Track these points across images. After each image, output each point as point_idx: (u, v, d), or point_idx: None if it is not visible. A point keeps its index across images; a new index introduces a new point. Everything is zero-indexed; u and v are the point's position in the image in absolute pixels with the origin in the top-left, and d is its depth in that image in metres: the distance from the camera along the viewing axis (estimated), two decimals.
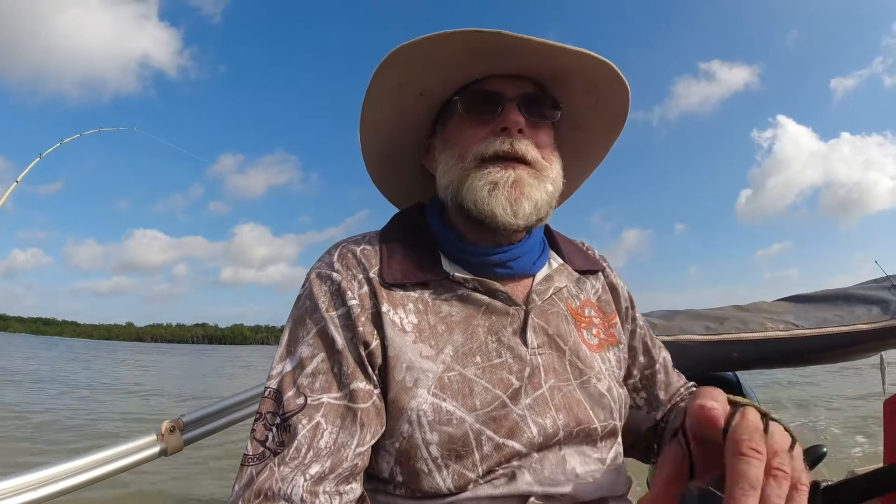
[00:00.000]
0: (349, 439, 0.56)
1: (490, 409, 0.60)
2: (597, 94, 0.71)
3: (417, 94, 0.69)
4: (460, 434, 0.58)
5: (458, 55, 0.63)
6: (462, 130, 0.67)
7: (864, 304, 1.32)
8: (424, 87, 0.68)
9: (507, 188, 0.63)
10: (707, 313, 1.40)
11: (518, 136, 0.65)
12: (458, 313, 0.64)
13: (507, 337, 0.64)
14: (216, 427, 0.94)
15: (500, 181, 0.63)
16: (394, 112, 0.71)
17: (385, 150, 0.77)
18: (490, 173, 0.64)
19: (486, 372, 0.61)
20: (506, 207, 0.63)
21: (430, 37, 0.60)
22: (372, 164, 0.79)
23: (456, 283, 0.65)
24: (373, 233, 0.71)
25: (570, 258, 0.76)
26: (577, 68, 0.66)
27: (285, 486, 0.51)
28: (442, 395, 0.59)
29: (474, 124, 0.67)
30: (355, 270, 0.64)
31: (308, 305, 0.63)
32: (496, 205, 0.63)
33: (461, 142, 0.67)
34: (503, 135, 0.65)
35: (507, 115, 0.65)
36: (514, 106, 0.65)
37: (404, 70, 0.65)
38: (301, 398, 0.57)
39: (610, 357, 0.73)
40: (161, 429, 0.85)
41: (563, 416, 0.62)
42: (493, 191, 0.63)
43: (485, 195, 0.63)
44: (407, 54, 0.63)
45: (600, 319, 0.75)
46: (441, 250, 0.68)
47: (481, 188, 0.63)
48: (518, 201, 0.63)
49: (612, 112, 0.73)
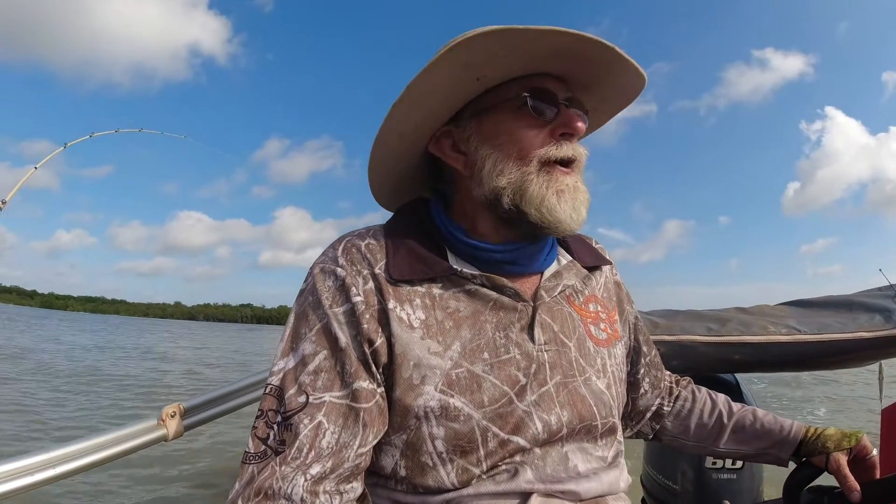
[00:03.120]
0: (351, 439, 0.56)
1: (497, 405, 0.59)
2: (605, 105, 0.72)
3: (475, 78, 0.63)
4: (467, 430, 0.58)
5: (541, 53, 0.61)
6: (519, 127, 0.64)
7: (866, 311, 1.32)
8: (487, 72, 0.63)
9: (571, 195, 0.63)
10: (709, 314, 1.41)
11: (576, 141, 0.65)
12: (466, 309, 0.63)
13: (514, 333, 0.64)
14: (217, 413, 0.94)
15: (566, 189, 0.63)
16: (444, 89, 0.64)
17: (405, 129, 0.69)
18: (557, 180, 0.63)
19: (493, 368, 0.61)
20: (571, 215, 0.63)
21: (526, 29, 0.57)
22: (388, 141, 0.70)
23: (463, 278, 0.64)
24: (377, 227, 0.69)
25: (579, 254, 0.76)
26: (611, 83, 0.66)
27: (286, 486, 0.51)
28: (450, 391, 0.59)
29: (533, 123, 0.63)
30: (360, 266, 0.63)
31: (311, 301, 0.61)
32: (562, 212, 0.62)
33: (520, 141, 0.63)
34: (563, 140, 0.63)
35: (572, 121, 0.63)
36: (572, 111, 0.64)
37: (483, 52, 0.60)
38: (303, 396, 0.56)
39: (616, 352, 0.73)
40: (162, 414, 0.85)
41: (568, 413, 0.62)
42: (560, 198, 0.62)
43: (554, 202, 0.62)
44: (494, 39, 0.58)
45: (606, 314, 0.75)
46: (447, 246, 0.67)
47: (550, 195, 0.62)
48: (579, 209, 0.64)
49: (610, 111, 0.74)
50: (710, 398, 0.86)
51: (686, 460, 1.38)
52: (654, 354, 0.87)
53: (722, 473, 1.34)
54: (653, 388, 0.85)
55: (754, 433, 0.80)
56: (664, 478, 1.42)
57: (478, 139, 0.66)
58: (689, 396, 0.87)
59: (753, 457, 0.82)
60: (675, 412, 0.86)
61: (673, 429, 0.86)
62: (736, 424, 0.82)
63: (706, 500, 1.33)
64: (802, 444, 0.77)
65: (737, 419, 0.82)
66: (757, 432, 0.80)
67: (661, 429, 0.87)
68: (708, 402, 0.86)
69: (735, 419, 0.82)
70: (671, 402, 0.87)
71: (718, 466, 1.34)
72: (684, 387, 0.90)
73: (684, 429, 0.85)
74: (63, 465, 0.71)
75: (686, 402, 0.87)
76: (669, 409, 0.87)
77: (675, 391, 0.88)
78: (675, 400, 0.87)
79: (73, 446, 0.73)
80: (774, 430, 0.79)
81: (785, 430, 0.79)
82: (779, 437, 0.79)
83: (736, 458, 0.86)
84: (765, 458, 0.81)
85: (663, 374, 0.89)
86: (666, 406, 0.87)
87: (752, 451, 0.81)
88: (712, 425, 0.83)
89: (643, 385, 0.84)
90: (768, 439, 0.79)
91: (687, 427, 0.85)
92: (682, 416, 0.86)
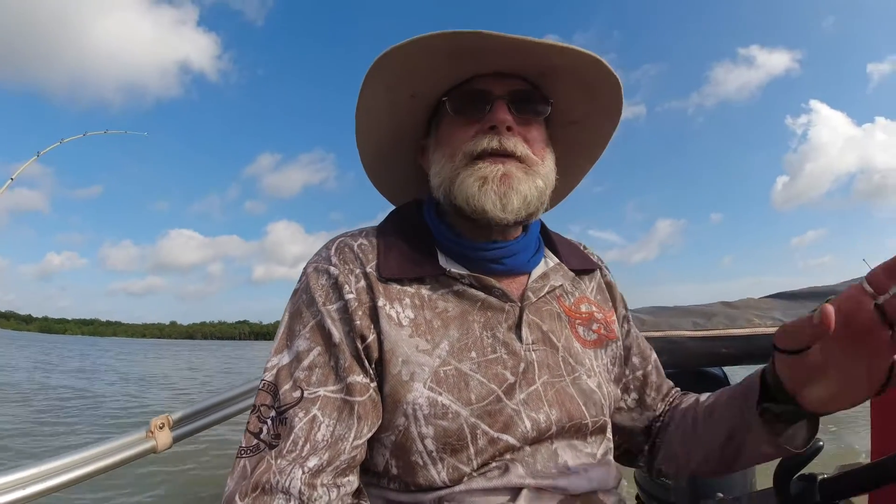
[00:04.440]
0: (346, 432, 0.56)
1: (485, 403, 0.60)
2: (588, 89, 0.70)
3: (408, 97, 0.69)
4: (455, 428, 0.59)
5: (442, 57, 0.63)
6: (452, 130, 0.68)
7: None
8: (414, 89, 0.68)
9: (496, 182, 0.63)
10: (695, 309, 1.42)
11: (507, 133, 0.65)
12: (454, 309, 0.64)
13: (501, 332, 0.64)
14: (205, 424, 0.94)
15: (489, 175, 0.63)
16: (386, 114, 0.71)
17: (381, 151, 0.77)
18: (480, 168, 0.64)
19: (481, 367, 0.62)
20: (495, 202, 0.63)
21: (413, 40, 0.61)
22: (368, 164, 0.79)
23: (452, 278, 0.65)
24: (370, 228, 0.71)
25: (566, 258, 0.76)
26: (564, 65, 0.66)
27: (283, 479, 0.52)
28: (438, 388, 0.59)
29: (463, 124, 0.67)
30: (352, 265, 0.64)
31: (305, 299, 0.63)
32: (486, 199, 0.63)
33: (451, 141, 0.67)
34: (491, 133, 0.65)
35: (495, 114, 0.65)
36: (503, 104, 0.66)
37: (391, 73, 0.65)
38: (297, 391, 0.57)
39: (603, 354, 0.73)
40: (151, 426, 0.86)
41: (556, 412, 0.63)
42: (482, 186, 0.63)
43: (475, 191, 0.63)
44: (392, 58, 0.63)
45: (602, 315, 0.75)
46: (438, 246, 0.69)
47: (471, 184, 0.64)
48: (507, 195, 0.63)
49: (606, 105, 0.73)
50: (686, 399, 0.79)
51: None
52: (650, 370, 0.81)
53: None
54: (641, 407, 0.80)
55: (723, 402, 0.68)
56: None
57: (434, 147, 0.71)
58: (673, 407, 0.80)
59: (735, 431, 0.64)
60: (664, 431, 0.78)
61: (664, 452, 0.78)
62: (708, 405, 0.72)
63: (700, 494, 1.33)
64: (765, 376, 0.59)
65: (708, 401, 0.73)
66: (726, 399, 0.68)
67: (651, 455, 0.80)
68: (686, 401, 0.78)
69: (707, 402, 0.73)
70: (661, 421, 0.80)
71: None
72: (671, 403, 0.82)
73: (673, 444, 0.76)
74: (51, 480, 0.70)
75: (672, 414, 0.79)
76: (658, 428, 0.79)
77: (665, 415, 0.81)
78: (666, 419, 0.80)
79: (60, 460, 0.73)
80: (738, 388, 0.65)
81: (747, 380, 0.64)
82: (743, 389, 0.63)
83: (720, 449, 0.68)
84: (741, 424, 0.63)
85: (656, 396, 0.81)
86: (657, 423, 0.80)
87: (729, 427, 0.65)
88: (689, 420, 0.74)
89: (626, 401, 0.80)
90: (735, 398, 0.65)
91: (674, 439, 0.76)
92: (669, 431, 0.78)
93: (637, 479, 1.54)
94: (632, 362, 0.81)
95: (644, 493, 1.49)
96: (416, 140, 0.76)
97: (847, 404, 0.50)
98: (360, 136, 0.74)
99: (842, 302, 0.43)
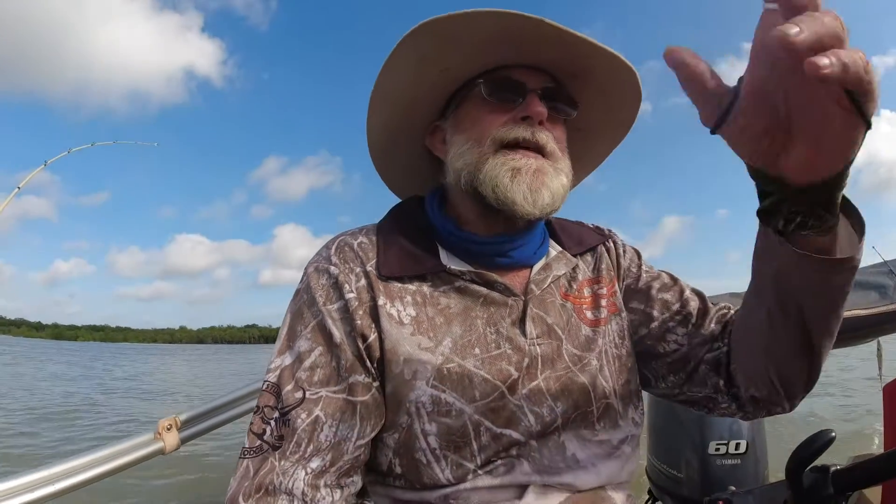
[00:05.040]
0: (349, 432, 0.56)
1: (489, 399, 0.60)
2: (608, 99, 0.70)
3: (438, 71, 0.66)
4: (459, 425, 0.58)
5: (491, 37, 0.61)
6: (482, 114, 0.66)
7: (861, 289, 1.32)
8: (447, 63, 0.65)
9: (529, 176, 0.62)
10: None
11: (539, 126, 0.64)
12: (457, 305, 0.64)
13: (505, 328, 0.64)
14: (213, 425, 0.94)
15: (522, 168, 0.62)
16: (410, 84, 0.67)
17: (390, 124, 0.73)
18: (513, 160, 0.62)
19: (485, 363, 0.61)
20: (526, 195, 0.61)
21: (465, 13, 0.58)
22: (374, 138, 0.75)
23: (453, 275, 0.65)
24: (370, 226, 0.71)
25: (567, 244, 0.75)
26: (599, 69, 0.65)
27: (286, 480, 0.52)
28: (441, 386, 0.59)
29: (496, 109, 0.65)
30: (353, 264, 0.64)
31: (306, 299, 0.62)
32: (517, 192, 0.61)
33: (479, 125, 0.65)
34: (524, 124, 0.63)
35: (531, 105, 0.63)
36: (538, 97, 0.64)
37: (431, 44, 0.62)
38: (300, 392, 0.57)
39: (612, 329, 0.70)
40: (158, 427, 0.86)
41: (562, 404, 0.62)
42: (515, 177, 0.61)
43: (507, 181, 0.61)
44: (438, 28, 0.60)
45: (607, 289, 0.73)
46: (439, 241, 0.68)
47: (503, 174, 0.62)
48: (539, 191, 0.62)
49: (620, 119, 0.72)
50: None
51: (690, 448, 1.37)
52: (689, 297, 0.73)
53: (726, 459, 1.34)
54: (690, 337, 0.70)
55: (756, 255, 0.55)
56: (668, 467, 1.42)
57: (452, 129, 0.69)
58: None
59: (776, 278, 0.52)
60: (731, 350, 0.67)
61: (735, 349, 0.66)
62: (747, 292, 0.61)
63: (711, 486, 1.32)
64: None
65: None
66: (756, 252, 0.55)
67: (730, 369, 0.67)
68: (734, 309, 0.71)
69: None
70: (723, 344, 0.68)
71: (722, 452, 1.34)
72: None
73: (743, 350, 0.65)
74: (61, 482, 0.71)
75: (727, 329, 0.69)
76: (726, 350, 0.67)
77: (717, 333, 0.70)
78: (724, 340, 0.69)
79: (70, 463, 0.74)
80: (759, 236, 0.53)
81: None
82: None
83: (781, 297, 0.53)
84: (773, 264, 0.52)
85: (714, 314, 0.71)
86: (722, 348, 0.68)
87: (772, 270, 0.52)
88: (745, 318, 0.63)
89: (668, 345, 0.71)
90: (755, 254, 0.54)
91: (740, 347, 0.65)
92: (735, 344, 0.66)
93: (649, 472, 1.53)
94: (658, 301, 0.73)
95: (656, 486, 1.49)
96: (428, 119, 0.73)
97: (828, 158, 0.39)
98: (374, 108, 0.70)
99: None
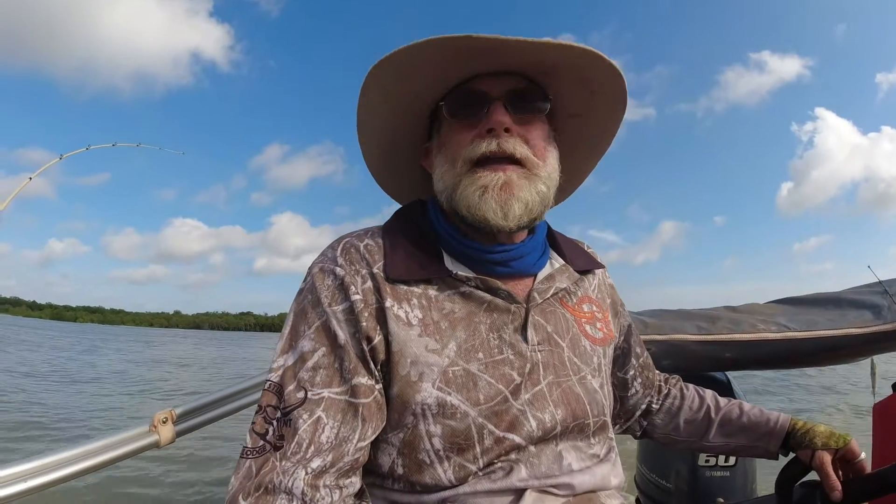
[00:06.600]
0: (350, 434, 0.57)
1: (493, 403, 0.60)
2: (588, 83, 0.69)
3: (408, 101, 0.69)
4: (463, 427, 0.59)
5: (438, 61, 0.63)
6: (452, 134, 0.67)
7: (855, 308, 1.33)
8: (413, 93, 0.67)
9: (496, 191, 0.63)
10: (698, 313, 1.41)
11: (505, 135, 0.64)
12: (461, 310, 0.64)
13: (508, 334, 0.65)
14: (208, 419, 0.94)
15: (489, 184, 0.63)
16: (388, 116, 0.71)
17: (384, 155, 0.78)
18: (480, 177, 0.63)
19: (488, 367, 0.62)
20: (496, 211, 0.62)
21: (407, 48, 0.60)
22: (373, 168, 0.80)
23: (458, 280, 0.65)
24: (375, 228, 0.71)
25: (571, 258, 0.76)
26: (563, 62, 0.65)
27: (286, 480, 0.52)
28: (447, 389, 0.60)
29: (462, 128, 0.66)
30: (359, 265, 0.64)
31: (310, 299, 0.62)
32: (487, 209, 0.62)
33: (451, 146, 0.67)
34: (489, 136, 0.64)
35: (492, 116, 0.64)
36: (500, 105, 0.65)
37: (389, 77, 0.65)
38: (302, 392, 0.57)
39: (609, 352, 0.76)
40: (154, 420, 0.85)
41: (561, 412, 0.64)
42: (483, 195, 0.63)
43: (476, 200, 0.63)
44: (391, 63, 0.63)
45: (602, 314, 0.76)
46: (443, 247, 0.68)
47: (472, 193, 0.63)
48: (508, 203, 0.63)
49: (611, 99, 0.72)
50: (697, 394, 0.89)
51: (679, 459, 1.38)
52: (646, 356, 0.89)
53: (715, 471, 1.35)
54: (644, 387, 0.88)
55: (741, 426, 0.82)
56: (658, 476, 1.43)
57: (436, 151, 0.71)
58: (678, 394, 0.89)
59: (744, 450, 0.83)
60: (664, 409, 0.89)
61: (663, 426, 0.89)
62: (723, 418, 0.84)
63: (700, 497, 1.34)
64: (790, 437, 0.78)
65: (724, 413, 0.84)
66: (744, 425, 0.82)
67: (651, 426, 0.90)
68: (696, 399, 0.88)
69: (722, 413, 0.84)
70: (660, 400, 0.89)
71: (711, 464, 1.35)
72: (673, 385, 0.92)
73: (674, 426, 0.88)
74: (53, 473, 0.70)
75: (675, 399, 0.89)
76: (658, 407, 0.89)
77: (664, 389, 0.91)
78: (664, 398, 0.90)
79: (62, 453, 0.73)
80: (761, 423, 0.81)
81: (772, 423, 0.80)
82: (766, 430, 0.80)
83: (726, 452, 0.88)
84: (755, 452, 0.83)
85: (654, 374, 0.91)
86: (655, 403, 0.89)
87: (741, 445, 0.83)
88: (700, 420, 0.85)
89: (634, 385, 0.86)
90: (755, 432, 0.81)
91: (676, 424, 0.87)
92: (672, 413, 0.88)
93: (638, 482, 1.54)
94: (635, 352, 0.86)
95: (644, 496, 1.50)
96: (418, 144, 0.76)
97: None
98: (363, 141, 0.74)
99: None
